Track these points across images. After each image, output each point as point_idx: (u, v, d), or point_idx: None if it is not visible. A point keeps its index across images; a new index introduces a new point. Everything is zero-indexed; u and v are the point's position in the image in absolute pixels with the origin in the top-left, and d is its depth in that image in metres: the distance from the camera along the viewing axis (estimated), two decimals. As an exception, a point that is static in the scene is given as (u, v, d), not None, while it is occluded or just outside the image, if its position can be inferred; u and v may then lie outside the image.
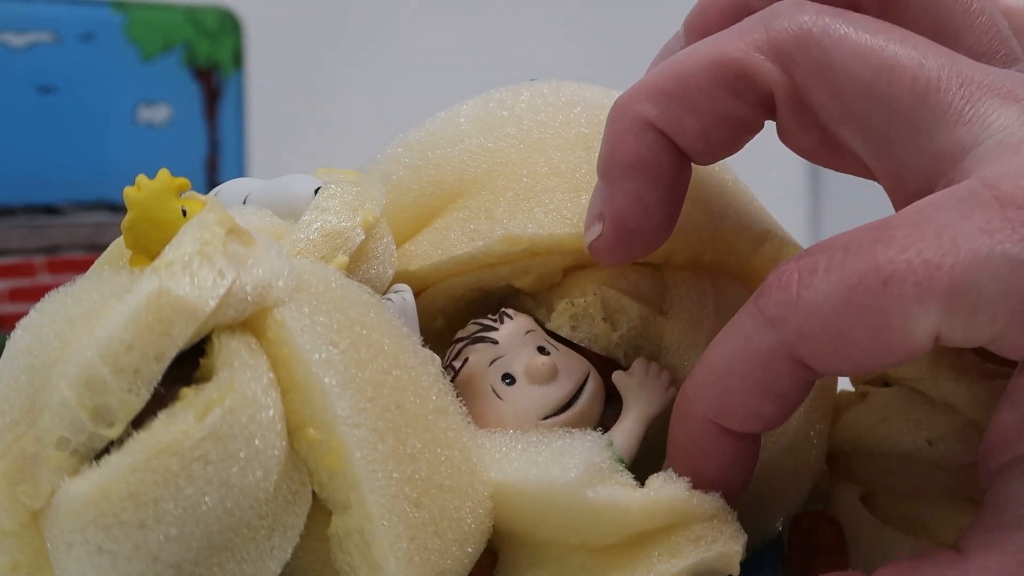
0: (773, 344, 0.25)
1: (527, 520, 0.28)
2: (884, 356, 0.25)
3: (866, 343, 0.24)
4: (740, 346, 0.26)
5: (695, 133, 0.28)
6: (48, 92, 0.62)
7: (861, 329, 0.24)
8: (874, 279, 0.24)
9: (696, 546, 0.28)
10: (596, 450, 0.27)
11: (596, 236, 0.30)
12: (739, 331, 0.26)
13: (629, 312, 0.32)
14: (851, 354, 0.25)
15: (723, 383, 0.26)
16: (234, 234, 0.25)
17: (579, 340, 0.32)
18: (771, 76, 0.27)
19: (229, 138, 0.67)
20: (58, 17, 0.61)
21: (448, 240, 0.32)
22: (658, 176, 0.29)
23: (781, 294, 0.25)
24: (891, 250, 0.24)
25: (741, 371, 0.26)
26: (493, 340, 0.30)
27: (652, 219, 0.29)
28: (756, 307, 0.26)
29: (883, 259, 0.24)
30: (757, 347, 0.26)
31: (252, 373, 0.25)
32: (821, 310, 0.25)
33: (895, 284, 0.24)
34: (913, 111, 0.26)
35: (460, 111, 0.35)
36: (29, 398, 0.25)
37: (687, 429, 0.28)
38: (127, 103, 0.64)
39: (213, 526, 0.24)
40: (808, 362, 0.25)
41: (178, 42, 0.65)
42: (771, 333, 0.25)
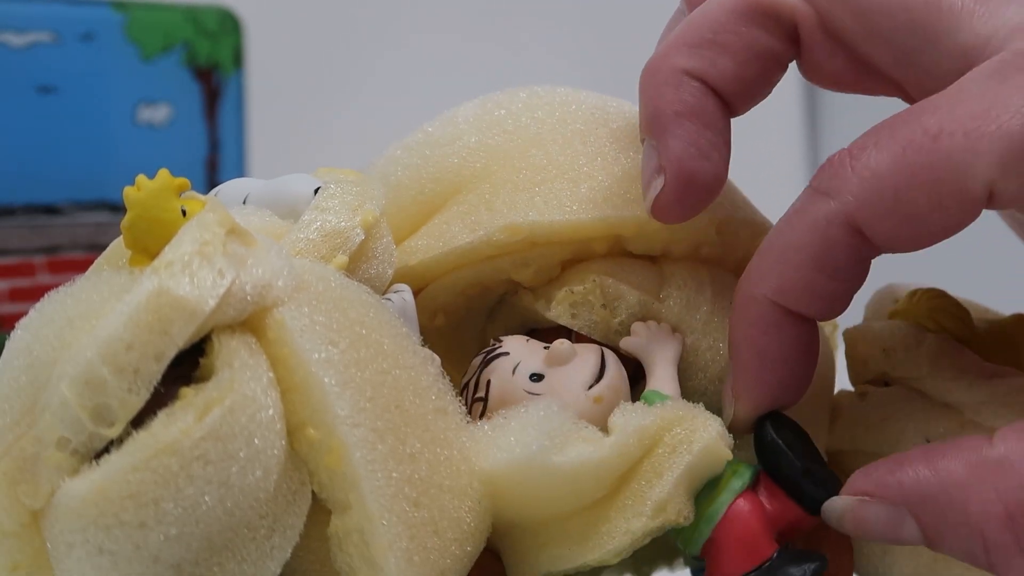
0: (829, 212, 0.26)
1: (515, 503, 0.28)
2: (940, 213, 0.25)
3: (922, 200, 0.25)
4: (797, 222, 0.27)
5: (731, 74, 0.29)
6: (48, 92, 0.62)
7: (916, 185, 0.25)
8: (924, 138, 0.25)
9: (676, 454, 0.28)
10: (551, 415, 0.27)
11: (659, 191, 0.30)
12: (796, 211, 0.27)
13: (628, 299, 0.32)
14: (908, 213, 0.26)
15: (782, 259, 0.27)
16: (234, 234, 0.25)
17: (579, 327, 0.32)
18: (795, 6, 0.28)
19: (229, 138, 0.67)
20: (58, 17, 0.61)
21: (448, 233, 0.32)
22: (705, 119, 0.29)
23: (834, 169, 0.26)
24: (937, 115, 0.25)
25: (799, 244, 0.27)
26: (504, 352, 0.30)
27: (710, 161, 0.29)
28: (811, 188, 0.27)
29: (930, 122, 0.25)
30: (813, 216, 0.27)
31: (252, 373, 0.25)
32: (875, 173, 0.26)
33: (945, 137, 0.25)
34: (929, 17, 0.27)
35: (458, 112, 0.35)
36: (29, 398, 0.25)
37: (750, 315, 0.28)
38: (127, 103, 0.64)
39: (213, 526, 0.24)
40: (865, 229, 0.26)
41: (178, 42, 0.65)
42: (827, 202, 0.26)
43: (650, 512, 0.27)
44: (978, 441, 0.26)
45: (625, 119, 0.34)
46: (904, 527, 0.27)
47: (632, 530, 0.27)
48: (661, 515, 0.27)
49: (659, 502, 0.27)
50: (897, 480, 0.27)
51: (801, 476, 0.28)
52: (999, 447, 0.26)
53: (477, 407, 0.29)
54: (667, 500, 0.27)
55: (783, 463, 0.29)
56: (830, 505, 0.28)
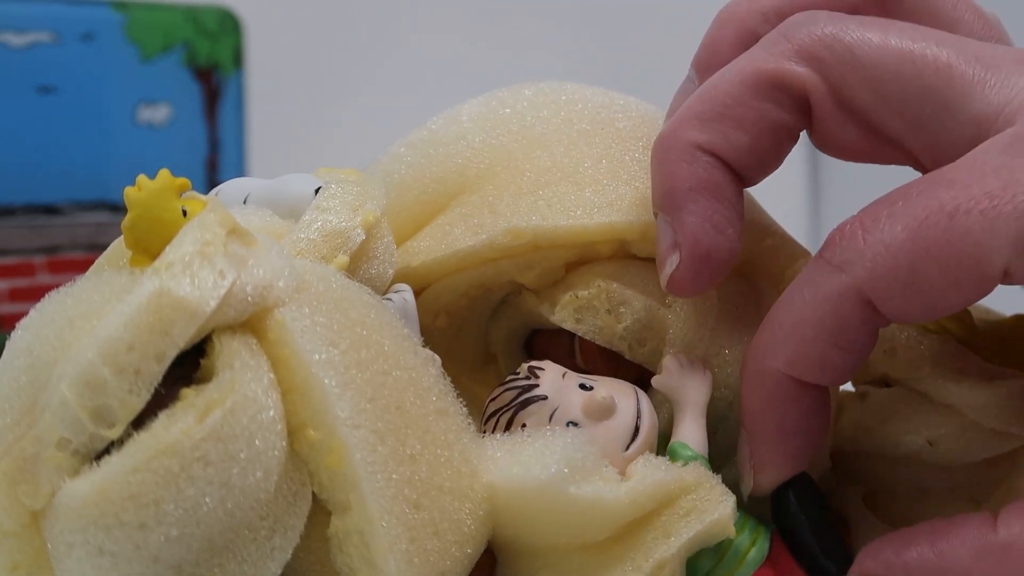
0: (842, 287, 0.26)
1: (517, 522, 0.28)
2: (955, 290, 0.25)
3: (936, 278, 0.25)
4: (809, 296, 0.27)
5: (744, 148, 0.29)
6: (48, 92, 0.62)
7: (931, 263, 0.25)
8: (940, 214, 0.25)
9: (687, 520, 0.28)
10: (576, 445, 0.27)
11: (674, 267, 0.30)
12: (806, 283, 0.27)
13: (633, 304, 0.32)
14: (922, 290, 0.26)
15: (794, 333, 0.27)
16: (235, 234, 0.25)
17: (583, 333, 0.32)
18: (806, 78, 0.28)
19: (229, 138, 0.67)
20: (58, 17, 0.61)
21: (451, 235, 0.32)
22: (720, 195, 0.29)
23: (847, 242, 0.26)
24: (953, 190, 0.25)
25: (811, 318, 0.27)
26: (543, 396, 0.29)
27: (725, 236, 0.29)
28: (821, 259, 0.27)
29: (946, 197, 0.25)
30: (826, 292, 0.26)
31: (253, 374, 0.25)
32: (890, 249, 0.26)
33: (961, 216, 0.25)
34: (942, 86, 0.27)
35: (462, 110, 0.35)
36: (29, 398, 0.25)
37: (763, 388, 0.28)
38: (127, 103, 0.64)
39: (214, 527, 0.24)
40: (878, 304, 0.26)
41: (178, 42, 0.65)
42: (840, 277, 0.26)
43: (649, 570, 0.27)
44: (983, 524, 0.26)
45: (631, 118, 0.34)
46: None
47: None
48: (659, 574, 0.27)
49: (660, 562, 0.27)
50: (903, 562, 0.27)
51: (817, 551, 0.29)
52: (1003, 532, 0.26)
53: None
54: (667, 562, 0.27)
55: (801, 537, 0.29)
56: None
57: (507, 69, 0.65)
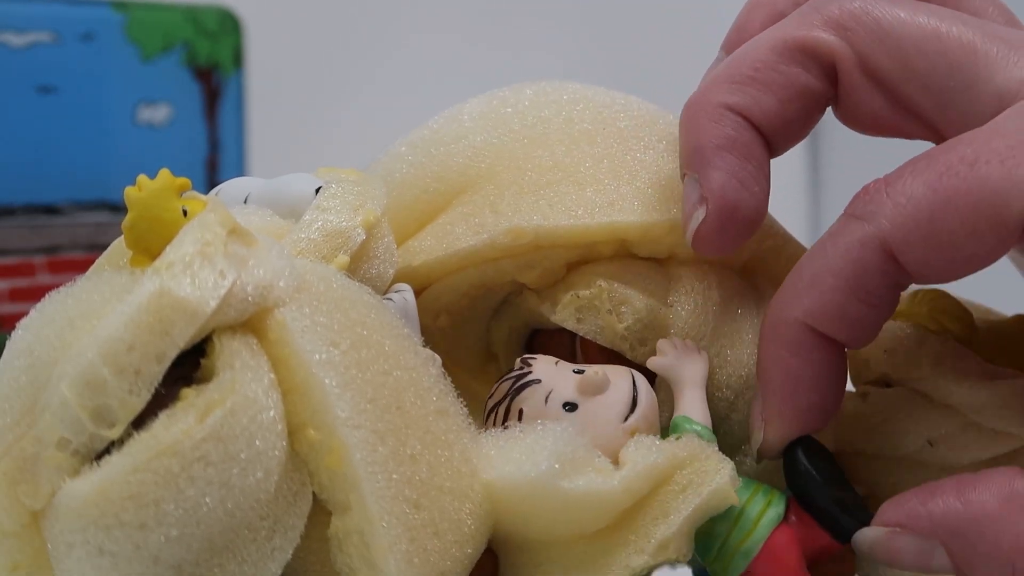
0: (864, 236, 0.27)
1: (515, 519, 0.28)
2: (975, 240, 0.26)
3: (957, 225, 0.26)
4: (831, 246, 0.27)
5: (773, 111, 0.29)
6: (48, 92, 0.62)
7: (951, 210, 0.26)
8: (960, 164, 0.26)
9: (685, 496, 0.28)
10: (565, 439, 0.27)
11: (700, 221, 0.30)
12: (829, 234, 0.28)
13: (635, 304, 0.32)
14: (942, 240, 0.26)
15: (815, 282, 0.28)
16: (235, 234, 0.25)
17: (585, 332, 0.32)
18: (835, 47, 0.29)
19: (229, 138, 0.67)
20: (58, 17, 0.61)
21: (452, 235, 0.32)
22: (748, 152, 0.29)
23: (869, 195, 0.27)
24: (974, 145, 0.26)
25: (832, 267, 0.27)
26: (536, 380, 0.29)
27: (751, 193, 0.29)
28: (846, 214, 0.27)
29: (966, 151, 0.26)
30: (848, 241, 0.27)
31: (253, 374, 0.25)
32: (911, 198, 0.26)
33: (981, 165, 0.26)
34: (966, 62, 0.28)
35: (464, 109, 0.35)
36: (29, 398, 0.25)
37: (780, 338, 0.28)
38: (127, 103, 0.64)
39: (214, 527, 0.24)
40: (899, 254, 0.26)
41: (178, 42, 0.65)
42: (862, 226, 0.27)
43: (652, 551, 0.27)
44: (1009, 474, 0.27)
45: (632, 118, 0.34)
46: (935, 558, 0.27)
47: (632, 567, 0.27)
48: (663, 554, 0.27)
49: (663, 541, 0.27)
50: (928, 512, 0.27)
51: (834, 506, 0.29)
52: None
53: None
54: (671, 540, 0.27)
55: (816, 493, 0.29)
56: (861, 535, 0.28)
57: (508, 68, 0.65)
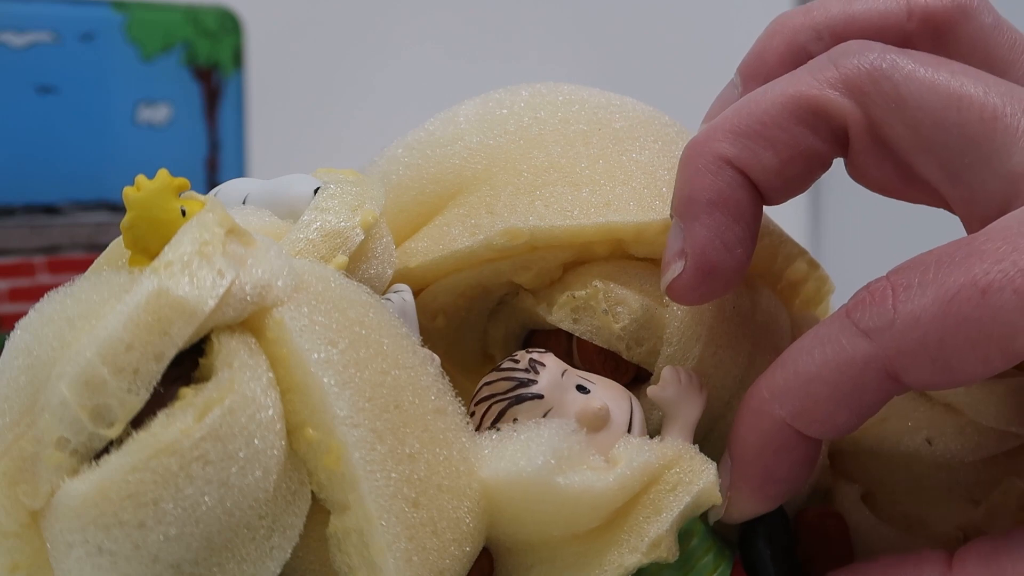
0: (867, 356, 0.26)
1: (508, 518, 0.28)
2: (982, 367, 0.25)
3: (965, 355, 0.25)
4: (831, 355, 0.26)
5: (772, 170, 0.29)
6: (48, 92, 0.62)
7: (961, 341, 0.25)
8: (972, 290, 0.25)
9: (675, 494, 0.28)
10: (562, 436, 0.27)
11: (677, 275, 0.29)
12: (830, 341, 0.26)
13: (630, 304, 0.32)
14: (950, 367, 0.25)
15: (807, 389, 0.27)
16: (234, 234, 0.25)
17: (581, 333, 0.32)
18: (846, 110, 0.28)
19: (229, 138, 0.67)
20: (58, 17, 0.61)
21: (449, 236, 0.32)
22: (738, 213, 0.29)
23: (876, 308, 0.26)
24: (985, 262, 0.25)
25: (829, 379, 0.26)
26: (539, 395, 0.29)
27: (733, 255, 0.29)
28: (849, 320, 0.26)
29: (979, 271, 0.25)
30: (850, 357, 0.26)
31: (251, 373, 0.25)
32: (920, 323, 0.25)
33: (993, 294, 0.24)
34: (984, 137, 0.27)
35: (459, 111, 0.35)
36: (29, 398, 0.25)
37: (761, 429, 0.28)
38: (127, 103, 0.64)
39: (212, 526, 0.24)
40: (903, 376, 0.26)
41: (178, 42, 0.65)
42: (866, 345, 0.26)
43: (645, 549, 0.27)
44: (938, 564, 0.27)
45: (628, 118, 0.34)
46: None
47: (625, 565, 0.27)
48: (654, 552, 0.27)
49: (655, 540, 0.27)
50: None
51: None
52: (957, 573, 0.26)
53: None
54: (662, 539, 0.27)
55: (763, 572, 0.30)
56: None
57: (506, 71, 0.65)
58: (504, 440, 0.28)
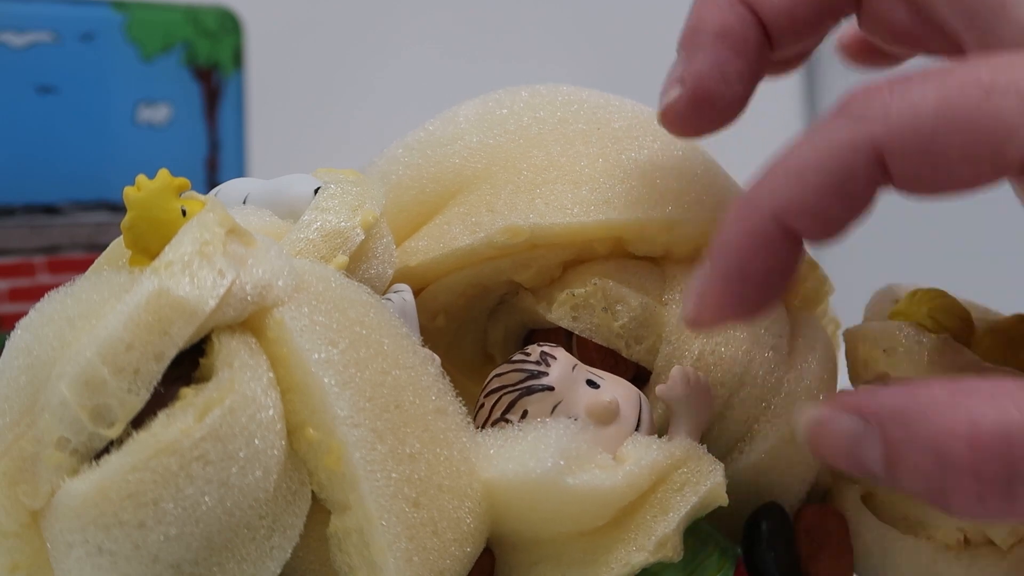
0: (856, 136, 0.25)
1: (514, 516, 0.28)
2: (970, 167, 0.25)
3: (956, 149, 0.25)
4: (818, 140, 0.26)
5: (784, 8, 0.29)
6: (48, 92, 0.62)
7: (955, 137, 0.25)
8: (976, 87, 0.24)
9: (683, 494, 0.28)
10: (569, 436, 0.27)
11: (673, 99, 0.29)
12: (817, 130, 0.26)
13: (630, 302, 0.32)
14: (938, 158, 0.25)
15: (798, 176, 0.26)
16: (234, 234, 0.25)
17: (580, 331, 0.32)
18: None
19: (229, 138, 0.67)
20: (58, 17, 0.61)
21: (449, 234, 0.32)
22: (743, 48, 0.29)
23: (869, 97, 0.25)
24: (993, 71, 0.25)
25: (818, 164, 0.26)
26: (549, 387, 0.29)
27: (731, 88, 0.29)
28: (838, 113, 0.26)
29: (985, 73, 0.25)
30: (839, 140, 0.25)
31: (252, 373, 0.25)
32: (916, 109, 0.25)
33: (997, 95, 0.24)
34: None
35: (459, 111, 0.35)
36: (29, 398, 0.25)
37: (745, 225, 0.27)
38: (127, 103, 0.64)
39: (213, 526, 0.24)
40: (890, 162, 0.25)
41: (178, 42, 0.65)
42: (856, 127, 0.25)
43: (652, 548, 0.27)
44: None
45: (627, 118, 0.34)
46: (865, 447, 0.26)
47: (632, 563, 0.27)
48: (661, 551, 0.27)
49: (662, 539, 0.27)
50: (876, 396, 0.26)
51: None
52: None
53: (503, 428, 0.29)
54: (668, 538, 0.27)
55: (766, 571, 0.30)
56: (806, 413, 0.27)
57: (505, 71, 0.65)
58: (510, 440, 0.28)
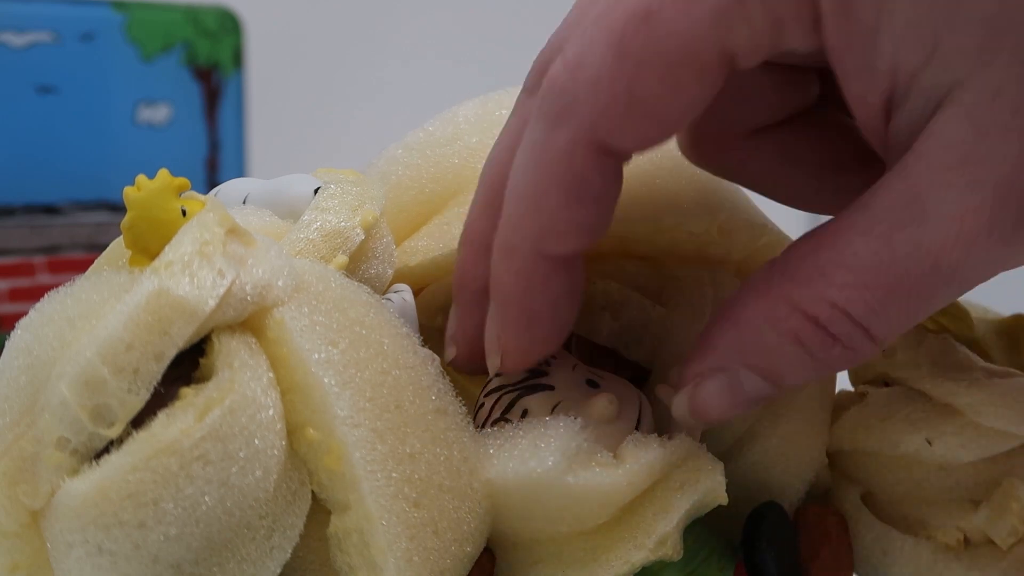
0: (569, 141, 0.25)
1: (514, 516, 0.28)
2: (680, 94, 0.24)
3: (657, 88, 0.24)
4: (538, 157, 0.25)
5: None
6: (48, 92, 0.62)
7: (646, 77, 0.24)
8: (636, 22, 0.23)
9: (683, 493, 0.28)
10: (571, 434, 0.27)
11: (451, 357, 0.30)
12: (531, 147, 0.25)
13: (629, 302, 0.32)
14: (647, 107, 0.24)
15: (536, 206, 0.26)
16: (234, 234, 0.25)
17: (580, 331, 0.32)
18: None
19: (229, 138, 0.67)
20: (58, 17, 0.62)
21: (449, 234, 0.32)
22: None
23: (558, 88, 0.24)
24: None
25: (547, 185, 0.25)
26: (549, 386, 0.29)
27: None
28: (543, 115, 0.25)
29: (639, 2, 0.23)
30: (555, 149, 0.25)
31: (252, 373, 0.25)
32: (601, 82, 0.24)
33: (655, 18, 0.23)
34: None
35: (458, 111, 0.35)
36: (29, 398, 0.25)
37: (514, 268, 0.27)
38: (127, 103, 0.64)
39: (213, 526, 0.24)
40: (611, 140, 0.24)
41: (178, 42, 0.65)
42: (563, 131, 0.25)
43: (652, 546, 0.27)
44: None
45: None
46: (744, 384, 0.26)
47: (632, 562, 0.27)
48: (661, 550, 0.27)
49: (662, 537, 0.27)
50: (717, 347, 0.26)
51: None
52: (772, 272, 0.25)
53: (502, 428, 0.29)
54: (668, 536, 0.27)
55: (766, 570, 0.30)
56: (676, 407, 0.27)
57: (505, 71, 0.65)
58: (510, 440, 0.28)
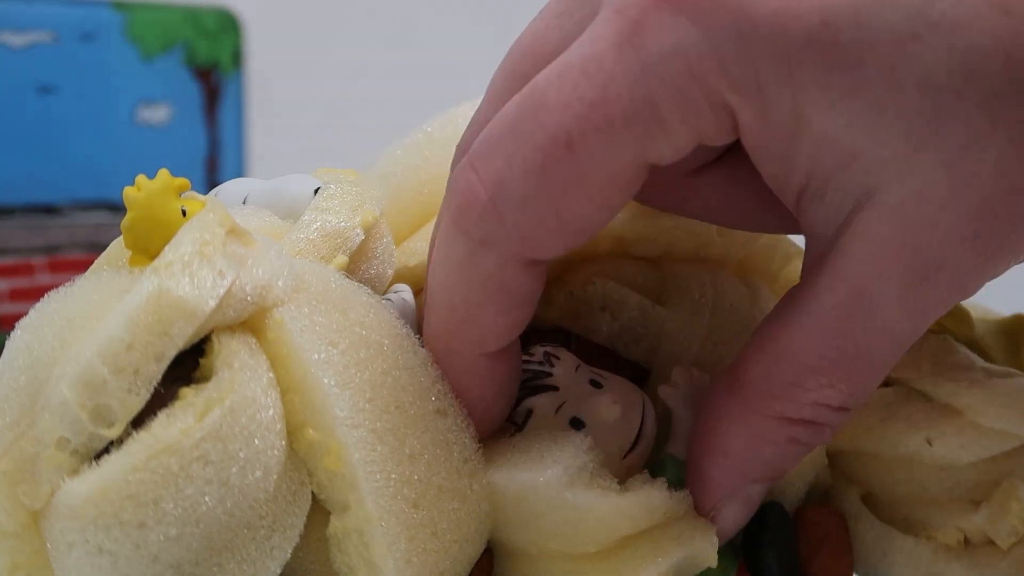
0: (499, 263, 0.26)
1: (510, 524, 0.28)
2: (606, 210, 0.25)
3: (584, 207, 0.25)
4: (469, 279, 0.26)
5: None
6: (48, 92, 0.62)
7: (573, 201, 0.24)
8: (557, 148, 0.24)
9: (678, 544, 0.28)
10: (578, 452, 0.27)
11: None
12: (461, 267, 0.26)
13: (628, 302, 0.32)
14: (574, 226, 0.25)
15: (471, 317, 0.27)
16: (234, 234, 0.25)
17: (579, 331, 0.32)
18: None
19: (229, 138, 0.67)
20: (58, 17, 0.62)
21: None
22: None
23: (481, 212, 0.25)
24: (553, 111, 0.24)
25: (481, 298, 0.26)
26: (554, 387, 0.29)
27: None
28: (464, 233, 0.26)
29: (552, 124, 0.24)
30: (485, 272, 0.26)
31: (252, 373, 0.25)
32: (527, 210, 0.25)
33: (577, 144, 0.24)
34: None
35: (458, 111, 0.35)
36: (29, 398, 0.25)
37: (459, 370, 0.28)
38: (127, 103, 0.64)
39: (213, 526, 0.24)
40: (538, 256, 0.26)
41: (178, 42, 0.65)
42: (490, 253, 0.26)
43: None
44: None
45: None
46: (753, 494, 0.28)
47: None
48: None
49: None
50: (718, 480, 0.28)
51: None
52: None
53: (509, 429, 0.29)
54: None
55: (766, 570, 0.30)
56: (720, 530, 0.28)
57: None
58: (516, 446, 0.28)
